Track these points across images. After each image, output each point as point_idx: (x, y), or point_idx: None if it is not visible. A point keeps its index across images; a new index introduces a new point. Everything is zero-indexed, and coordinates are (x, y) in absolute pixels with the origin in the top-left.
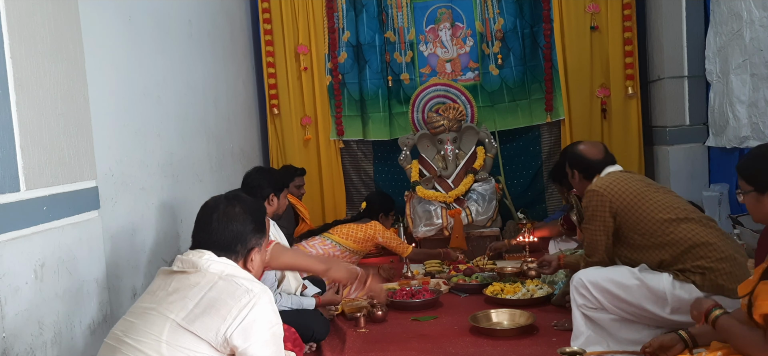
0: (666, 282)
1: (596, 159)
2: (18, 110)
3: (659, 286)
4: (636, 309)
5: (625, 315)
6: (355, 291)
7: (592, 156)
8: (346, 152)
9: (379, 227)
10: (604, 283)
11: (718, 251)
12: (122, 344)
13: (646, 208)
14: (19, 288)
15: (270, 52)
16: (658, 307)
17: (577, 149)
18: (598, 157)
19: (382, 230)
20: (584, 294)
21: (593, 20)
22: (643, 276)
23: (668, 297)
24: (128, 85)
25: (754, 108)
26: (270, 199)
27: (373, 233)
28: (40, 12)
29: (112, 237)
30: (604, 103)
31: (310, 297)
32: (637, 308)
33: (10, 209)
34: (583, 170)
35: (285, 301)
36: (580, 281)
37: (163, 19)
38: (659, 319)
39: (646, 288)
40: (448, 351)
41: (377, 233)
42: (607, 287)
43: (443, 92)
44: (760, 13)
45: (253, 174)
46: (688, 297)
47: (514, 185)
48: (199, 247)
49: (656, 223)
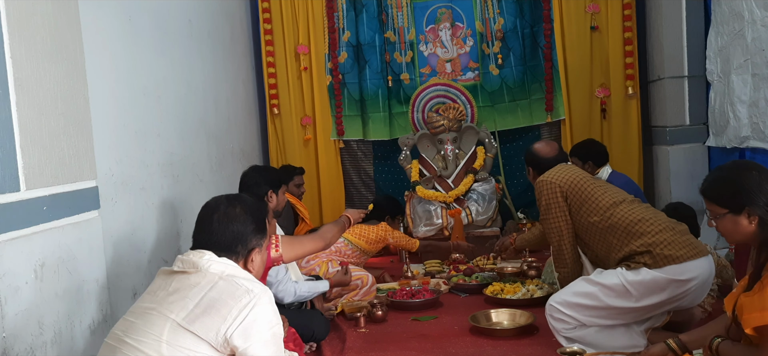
0: (620, 275)
1: (549, 157)
2: (18, 110)
3: (616, 281)
4: (609, 311)
5: (603, 321)
6: None
7: (545, 154)
8: (346, 152)
9: (389, 229)
10: (571, 298)
11: (655, 224)
12: (122, 344)
13: (589, 191)
14: (19, 288)
15: (270, 52)
16: (625, 300)
17: (533, 148)
18: (551, 154)
19: (392, 231)
20: (560, 317)
21: (593, 20)
22: (599, 279)
23: (628, 287)
24: (128, 85)
25: (754, 108)
26: (268, 196)
27: (383, 235)
28: (40, 12)
29: (112, 237)
30: (604, 103)
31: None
32: (609, 309)
33: (10, 209)
34: (537, 166)
35: (303, 288)
36: (552, 307)
37: (163, 19)
38: (634, 311)
39: (606, 288)
40: (448, 351)
41: (387, 235)
42: (576, 301)
43: (443, 92)
44: (762, 13)
45: (250, 173)
46: (646, 279)
47: (514, 185)
48: (199, 247)
49: (600, 206)
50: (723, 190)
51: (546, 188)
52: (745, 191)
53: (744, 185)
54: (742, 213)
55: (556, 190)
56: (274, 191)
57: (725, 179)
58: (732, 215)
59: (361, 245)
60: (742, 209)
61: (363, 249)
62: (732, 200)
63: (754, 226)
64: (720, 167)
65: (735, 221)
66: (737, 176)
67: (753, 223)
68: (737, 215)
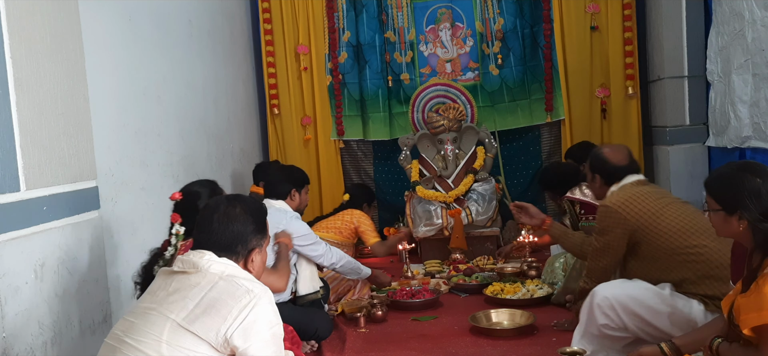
0: (697, 311)
1: (620, 165)
2: (18, 110)
3: (691, 315)
4: (661, 334)
5: (646, 336)
6: None
7: (616, 161)
8: (346, 152)
9: (358, 214)
10: (633, 307)
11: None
12: (122, 344)
13: (664, 227)
14: (19, 288)
15: (270, 52)
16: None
17: (601, 153)
18: (623, 163)
19: (361, 216)
20: (609, 314)
21: (593, 20)
22: (675, 302)
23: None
24: (128, 85)
25: (755, 108)
26: (292, 195)
27: (350, 219)
28: (40, 12)
29: (112, 237)
30: (604, 103)
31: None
32: (662, 333)
33: (10, 209)
34: (606, 174)
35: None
36: (606, 301)
37: (163, 19)
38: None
39: (678, 315)
40: (448, 351)
41: (355, 219)
42: (637, 310)
43: (443, 92)
44: (762, 13)
45: (274, 170)
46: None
47: (514, 185)
48: (199, 247)
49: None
50: (723, 188)
51: (611, 218)
52: (742, 196)
53: (743, 190)
54: (734, 215)
55: (620, 224)
56: (297, 191)
57: (728, 178)
58: (724, 213)
59: (332, 238)
60: (734, 211)
61: (339, 242)
62: (728, 200)
63: (742, 229)
64: (730, 163)
65: (726, 219)
66: (740, 179)
67: (742, 226)
68: (730, 216)
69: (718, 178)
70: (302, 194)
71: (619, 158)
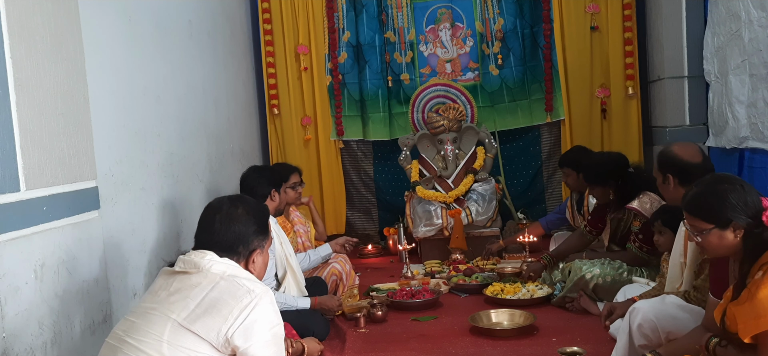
0: None
1: (695, 163)
2: (18, 110)
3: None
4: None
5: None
6: None
7: (690, 158)
8: (346, 152)
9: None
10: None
11: None
12: (123, 344)
13: None
14: (19, 288)
15: (270, 52)
16: None
17: (672, 152)
18: (698, 160)
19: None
20: (649, 335)
21: (593, 20)
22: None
23: None
24: (128, 85)
25: (753, 108)
26: (271, 195)
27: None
28: (40, 12)
29: (112, 237)
30: (604, 103)
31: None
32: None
33: (10, 209)
34: (681, 174)
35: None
36: (650, 322)
37: (163, 19)
38: None
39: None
40: (448, 351)
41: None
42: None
43: (443, 92)
44: (759, 14)
45: (250, 174)
46: None
47: (514, 185)
48: (201, 247)
49: None
50: (708, 205)
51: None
52: (730, 205)
53: (729, 199)
54: (727, 228)
55: None
56: (276, 190)
57: (710, 193)
58: (718, 229)
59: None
60: (728, 223)
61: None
62: (718, 215)
63: (739, 239)
64: (701, 181)
65: (721, 235)
66: (722, 191)
67: (738, 236)
68: (723, 230)
69: (697, 198)
70: (281, 193)
71: (693, 154)
